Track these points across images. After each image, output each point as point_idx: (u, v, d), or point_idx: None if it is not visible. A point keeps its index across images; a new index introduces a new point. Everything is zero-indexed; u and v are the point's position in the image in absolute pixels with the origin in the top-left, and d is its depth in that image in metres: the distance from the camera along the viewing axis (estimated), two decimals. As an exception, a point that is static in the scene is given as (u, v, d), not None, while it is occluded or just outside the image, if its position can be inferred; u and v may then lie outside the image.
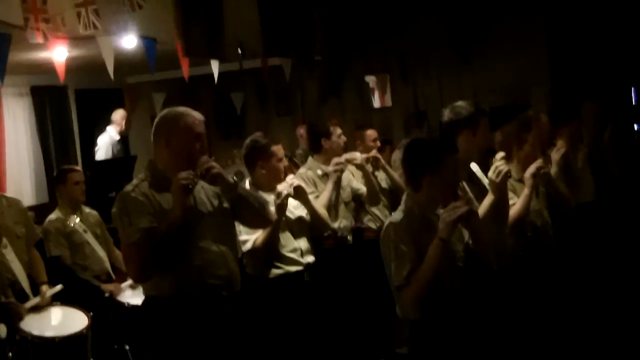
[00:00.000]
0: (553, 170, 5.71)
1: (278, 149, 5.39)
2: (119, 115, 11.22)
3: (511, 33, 11.06)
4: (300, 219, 5.35)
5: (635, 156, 8.61)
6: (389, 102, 12.37)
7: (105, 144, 11.08)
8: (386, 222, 4.09)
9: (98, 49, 7.22)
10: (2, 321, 5.12)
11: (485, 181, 4.67)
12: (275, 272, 5.17)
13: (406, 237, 3.82)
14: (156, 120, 4.22)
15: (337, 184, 6.09)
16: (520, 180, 5.07)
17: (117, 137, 11.14)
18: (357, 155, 6.41)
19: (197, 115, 4.18)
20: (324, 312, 5.49)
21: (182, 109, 4.23)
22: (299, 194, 5.23)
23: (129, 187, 4.10)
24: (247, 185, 5.31)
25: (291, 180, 5.22)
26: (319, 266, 5.40)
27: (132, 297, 5.99)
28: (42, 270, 6.00)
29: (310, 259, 5.31)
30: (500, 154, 4.61)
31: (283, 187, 5.08)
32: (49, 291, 5.76)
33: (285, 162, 5.53)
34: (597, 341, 5.82)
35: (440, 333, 3.87)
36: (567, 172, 5.95)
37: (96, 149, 11.23)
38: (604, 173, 6.78)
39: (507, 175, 4.51)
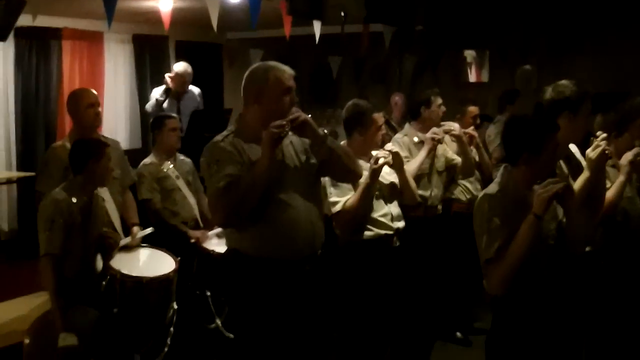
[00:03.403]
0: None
1: (379, 117, 5.35)
2: (180, 68, 9.21)
3: (616, 25, 10.83)
4: (392, 184, 5.32)
5: None
6: (485, 78, 12.26)
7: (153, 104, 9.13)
8: (481, 194, 4.03)
9: (202, 2, 7.29)
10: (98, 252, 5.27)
11: (584, 163, 4.60)
12: (366, 234, 5.14)
13: (500, 211, 3.77)
14: (246, 74, 4.22)
15: (431, 152, 6.07)
16: (614, 167, 4.98)
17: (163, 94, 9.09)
18: (456, 126, 6.36)
19: (286, 69, 4.17)
20: (407, 279, 5.48)
21: (271, 63, 4.23)
22: (395, 162, 5.21)
23: (218, 137, 4.14)
24: None
25: (390, 147, 5.19)
26: (408, 234, 5.38)
27: (218, 245, 6.02)
28: (134, 212, 6.12)
29: (400, 224, 5.28)
30: (602, 135, 4.54)
31: (380, 154, 5.04)
32: (139, 232, 5.88)
33: (383, 130, 5.50)
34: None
35: (525, 311, 3.82)
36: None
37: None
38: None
39: (607, 155, 4.44)
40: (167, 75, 9.18)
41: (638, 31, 10.74)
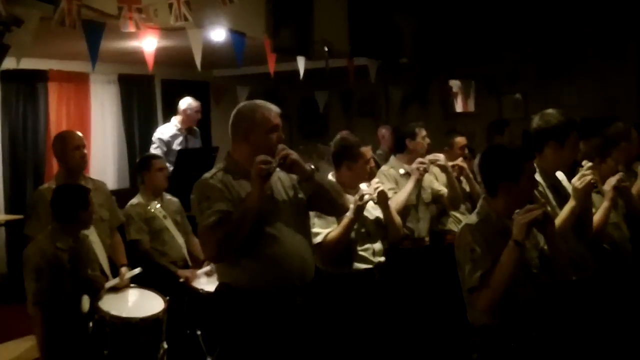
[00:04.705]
0: (638, 185, 5.60)
1: (367, 151, 5.41)
2: (184, 104, 9.25)
3: (602, 51, 10.92)
4: (377, 220, 5.33)
5: None
6: (471, 108, 12.30)
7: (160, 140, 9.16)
8: (461, 225, 4.09)
9: (186, 41, 7.33)
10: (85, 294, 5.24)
11: (570, 190, 4.61)
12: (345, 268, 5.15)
13: (481, 240, 3.80)
14: (233, 113, 4.28)
15: (418, 183, 6.09)
16: (598, 193, 4.99)
17: (179, 132, 9.22)
18: (441, 157, 6.39)
19: (273, 107, 4.24)
20: (394, 312, 5.44)
21: (258, 101, 4.31)
22: (380, 199, 5.23)
23: (207, 175, 4.18)
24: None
25: (376, 184, 5.21)
26: (394, 266, 5.37)
27: (207, 284, 6.02)
28: (122, 253, 6.09)
29: (381, 259, 5.28)
30: (588, 163, 4.55)
31: (366, 190, 5.07)
32: (127, 273, 5.84)
33: (372, 164, 5.52)
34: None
35: (511, 340, 3.82)
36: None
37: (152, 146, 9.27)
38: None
39: (593, 184, 4.44)
40: (178, 116, 9.30)
41: (623, 56, 10.83)
